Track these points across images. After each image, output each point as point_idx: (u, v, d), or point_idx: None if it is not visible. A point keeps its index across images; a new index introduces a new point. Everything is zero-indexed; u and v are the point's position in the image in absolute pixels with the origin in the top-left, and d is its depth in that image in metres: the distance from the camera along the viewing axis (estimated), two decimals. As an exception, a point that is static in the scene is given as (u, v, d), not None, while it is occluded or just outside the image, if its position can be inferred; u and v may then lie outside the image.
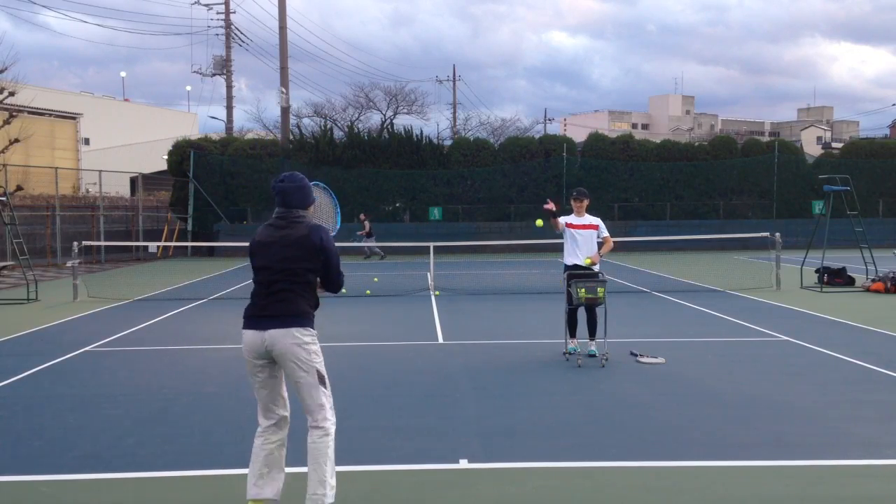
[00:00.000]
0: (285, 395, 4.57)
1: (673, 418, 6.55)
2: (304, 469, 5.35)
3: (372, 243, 26.90)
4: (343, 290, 5.37)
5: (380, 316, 13.05)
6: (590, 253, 9.06)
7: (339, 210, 6.06)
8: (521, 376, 8.18)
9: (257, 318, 4.43)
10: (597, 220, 9.23)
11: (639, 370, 8.46)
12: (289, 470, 4.75)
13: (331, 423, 4.43)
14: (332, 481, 4.36)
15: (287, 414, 4.58)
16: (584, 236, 9.11)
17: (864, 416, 6.56)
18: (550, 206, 9.15)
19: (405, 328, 11.73)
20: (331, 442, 4.39)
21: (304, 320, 4.46)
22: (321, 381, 4.44)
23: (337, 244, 4.76)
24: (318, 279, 4.60)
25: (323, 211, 5.88)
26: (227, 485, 4.97)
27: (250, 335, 4.43)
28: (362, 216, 28.08)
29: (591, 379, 8.09)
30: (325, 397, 4.44)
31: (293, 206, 4.53)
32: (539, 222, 9.92)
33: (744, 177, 33.31)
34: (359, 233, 27.40)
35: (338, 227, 5.89)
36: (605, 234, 9.19)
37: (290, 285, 4.43)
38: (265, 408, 4.52)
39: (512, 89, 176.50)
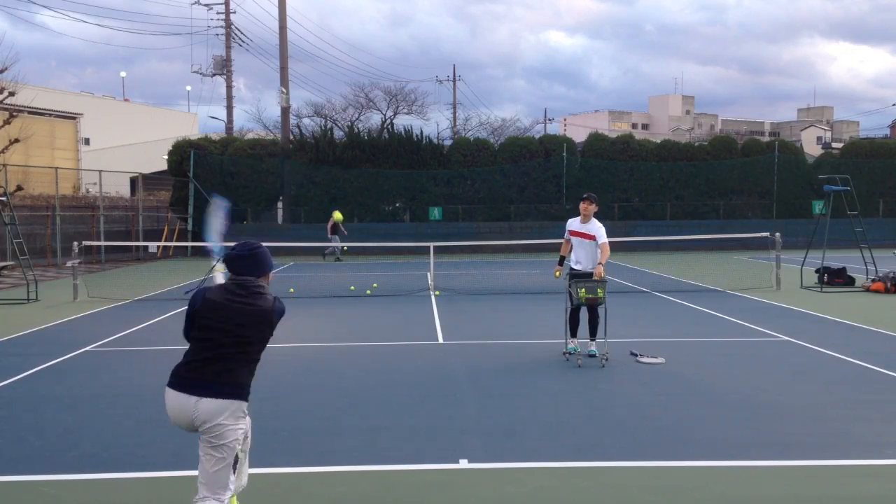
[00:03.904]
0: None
1: (673, 418, 6.55)
2: (291, 469, 5.36)
3: (335, 243, 26.54)
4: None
5: (380, 316, 13.05)
6: (592, 264, 9.01)
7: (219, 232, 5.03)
8: (521, 376, 8.18)
9: (192, 381, 4.02)
10: (596, 231, 9.02)
11: (639, 370, 8.46)
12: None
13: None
14: None
15: (246, 440, 4.35)
16: (583, 246, 9.09)
17: (864, 416, 6.56)
18: (558, 273, 9.46)
19: (405, 328, 11.73)
20: None
21: (243, 393, 4.10)
22: (235, 463, 4.11)
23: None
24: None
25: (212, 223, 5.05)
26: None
27: (178, 398, 4.03)
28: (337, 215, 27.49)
29: (591, 379, 8.09)
30: (231, 482, 4.11)
31: (245, 275, 4.15)
32: (557, 274, 9.84)
33: (744, 177, 33.29)
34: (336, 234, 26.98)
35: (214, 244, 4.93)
36: (602, 241, 8.99)
37: (237, 354, 4.06)
38: None
39: (511, 89, 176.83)
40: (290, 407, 7.01)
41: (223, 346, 4.04)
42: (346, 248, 27.14)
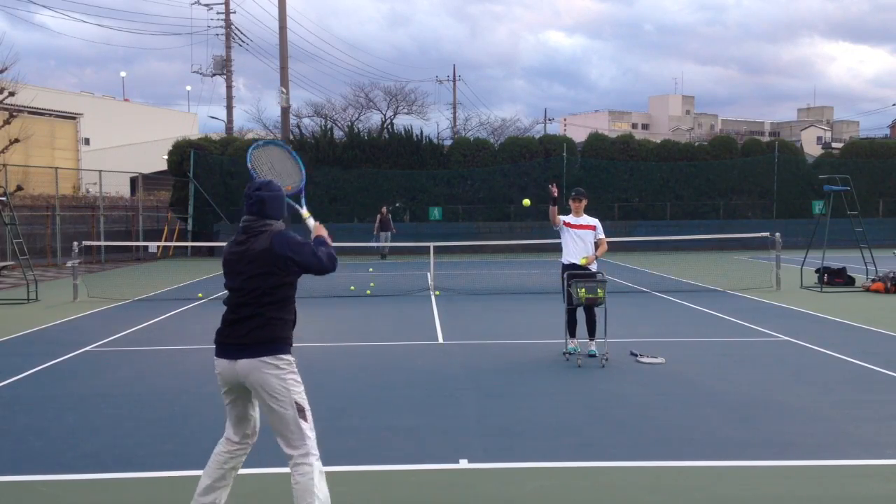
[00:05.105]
0: (257, 415, 4.25)
1: (673, 418, 6.55)
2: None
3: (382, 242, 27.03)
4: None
5: (380, 316, 13.05)
6: (586, 253, 9.10)
7: (303, 167, 5.07)
8: (521, 376, 8.18)
9: (226, 345, 4.01)
10: (594, 221, 9.29)
11: (639, 370, 8.46)
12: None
13: (315, 457, 4.01)
14: None
15: (254, 435, 4.27)
16: (580, 236, 9.14)
17: (864, 416, 6.56)
18: (554, 190, 9.20)
19: (405, 328, 11.73)
20: (316, 476, 3.97)
21: (277, 347, 3.98)
22: (300, 413, 3.99)
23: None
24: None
25: (287, 170, 4.99)
26: (227, 485, 4.96)
27: (221, 364, 4.04)
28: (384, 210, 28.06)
29: (591, 379, 8.09)
30: (307, 430, 4.02)
31: (265, 217, 4.06)
32: (526, 202, 9.92)
33: (744, 177, 33.27)
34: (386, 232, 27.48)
35: (303, 182, 4.96)
36: (601, 235, 9.25)
37: (258, 308, 3.97)
38: (235, 424, 4.19)
39: (510, 89, 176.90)
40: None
41: (241, 304, 4.00)
42: (385, 247, 27.67)
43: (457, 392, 7.55)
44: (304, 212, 4.73)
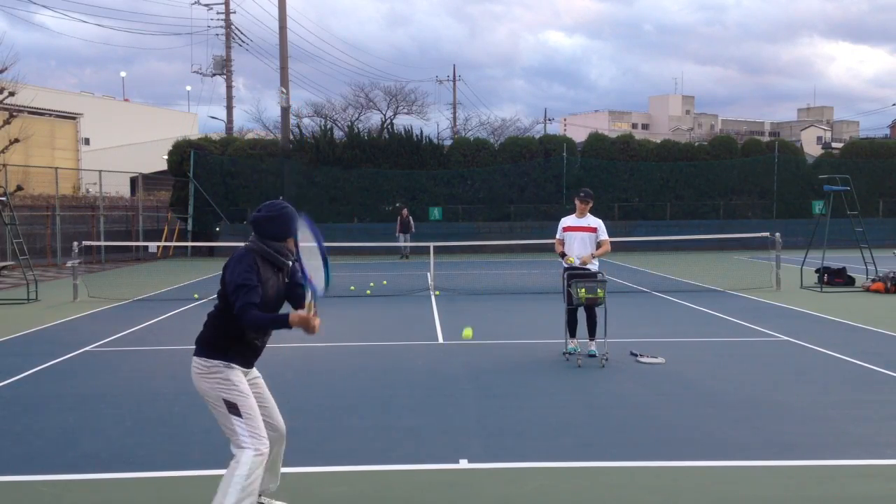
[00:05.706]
0: (270, 409, 4.39)
1: (673, 418, 6.55)
2: (291, 469, 5.36)
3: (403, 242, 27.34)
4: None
5: (380, 316, 13.05)
6: (583, 253, 9.04)
7: (327, 264, 4.15)
8: (521, 376, 8.18)
9: None
10: (597, 223, 9.19)
11: (639, 370, 8.46)
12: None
13: (250, 449, 4.07)
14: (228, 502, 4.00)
15: (274, 433, 4.37)
16: (580, 238, 9.10)
17: (864, 416, 6.56)
18: (572, 259, 9.05)
19: (405, 328, 11.73)
20: (243, 470, 4.04)
21: (202, 349, 4.22)
22: (231, 409, 4.13)
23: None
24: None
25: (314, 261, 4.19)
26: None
27: None
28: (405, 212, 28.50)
29: (591, 379, 8.09)
30: (238, 425, 4.11)
31: (262, 235, 4.14)
32: (467, 333, 9.99)
33: (744, 177, 33.27)
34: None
35: (326, 283, 4.22)
36: (604, 237, 9.15)
37: (211, 311, 4.31)
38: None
39: (510, 89, 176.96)
40: (290, 407, 6.99)
41: None
42: (406, 247, 28.02)
43: (457, 392, 7.56)
44: (307, 300, 4.24)
